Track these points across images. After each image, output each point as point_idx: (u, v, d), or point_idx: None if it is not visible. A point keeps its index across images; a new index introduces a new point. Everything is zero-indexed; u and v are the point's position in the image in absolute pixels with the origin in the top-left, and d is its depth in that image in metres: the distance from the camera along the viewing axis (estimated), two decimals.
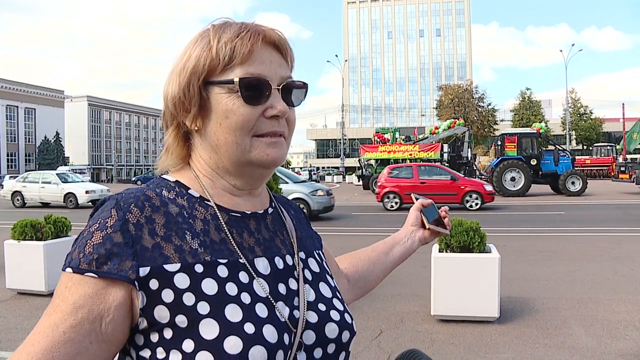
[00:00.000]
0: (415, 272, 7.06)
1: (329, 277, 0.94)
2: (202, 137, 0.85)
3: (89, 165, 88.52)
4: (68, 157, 77.96)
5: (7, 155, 77.67)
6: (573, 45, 48.48)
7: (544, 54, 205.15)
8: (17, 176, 29.46)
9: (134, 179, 59.36)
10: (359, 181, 33.53)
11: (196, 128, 0.84)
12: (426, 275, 5.33)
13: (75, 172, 32.08)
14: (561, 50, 50.26)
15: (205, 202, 0.84)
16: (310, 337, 0.80)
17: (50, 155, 73.81)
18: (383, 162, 28.32)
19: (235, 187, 0.87)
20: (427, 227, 1.21)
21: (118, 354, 0.77)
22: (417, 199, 1.27)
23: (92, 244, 0.72)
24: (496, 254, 4.97)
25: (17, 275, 6.22)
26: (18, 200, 22.01)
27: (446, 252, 5.06)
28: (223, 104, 0.80)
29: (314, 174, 52.44)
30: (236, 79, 0.79)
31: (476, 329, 4.75)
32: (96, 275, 0.71)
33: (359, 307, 5.53)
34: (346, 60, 78.26)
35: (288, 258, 0.87)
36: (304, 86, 0.87)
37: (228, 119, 0.80)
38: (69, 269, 0.72)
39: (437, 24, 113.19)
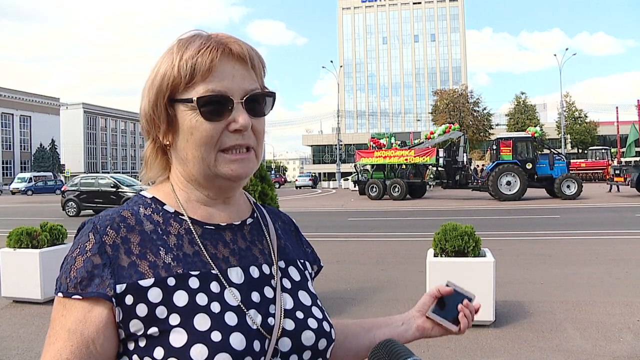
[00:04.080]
0: (411, 277, 7.09)
1: (310, 285, 0.96)
2: (174, 151, 0.88)
3: (85, 172, 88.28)
4: (64, 165, 77.58)
5: (2, 163, 77.28)
6: (567, 49, 48.83)
7: (538, 58, 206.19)
8: None
9: None
10: (355, 187, 33.47)
11: (168, 143, 0.88)
12: (422, 280, 5.35)
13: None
14: (555, 55, 50.62)
15: (180, 216, 0.87)
16: (285, 344, 0.83)
17: (46, 163, 73.49)
18: (379, 168, 28.36)
19: (209, 197, 0.90)
20: (427, 315, 1.04)
21: None
22: (447, 285, 1.10)
23: (75, 268, 0.78)
24: (491, 258, 4.99)
25: (13, 283, 6.20)
26: None
27: (441, 256, 5.08)
28: (187, 121, 0.83)
29: (310, 179, 52.62)
30: (194, 98, 0.81)
31: (472, 333, 4.75)
32: (80, 297, 0.77)
33: (356, 312, 5.54)
34: (341, 66, 78.42)
35: (265, 267, 0.89)
36: (270, 95, 0.88)
37: (193, 135, 0.83)
38: (59, 294, 0.79)
39: (431, 29, 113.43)
